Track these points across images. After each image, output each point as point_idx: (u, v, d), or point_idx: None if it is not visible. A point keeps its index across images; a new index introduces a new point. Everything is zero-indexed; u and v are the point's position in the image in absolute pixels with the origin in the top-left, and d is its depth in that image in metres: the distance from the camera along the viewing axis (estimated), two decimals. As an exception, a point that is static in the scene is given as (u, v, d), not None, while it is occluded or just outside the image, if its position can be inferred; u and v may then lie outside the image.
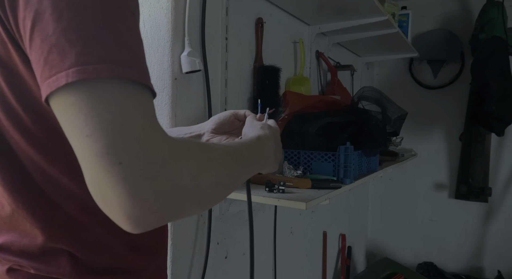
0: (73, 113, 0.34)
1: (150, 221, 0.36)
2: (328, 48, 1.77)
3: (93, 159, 0.34)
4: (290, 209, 1.52)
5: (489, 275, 2.31)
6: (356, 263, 2.47)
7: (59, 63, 0.34)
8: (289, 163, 1.12)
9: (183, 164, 0.37)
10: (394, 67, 2.54)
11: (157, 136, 0.37)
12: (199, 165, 0.40)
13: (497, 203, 2.30)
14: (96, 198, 0.36)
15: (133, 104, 0.36)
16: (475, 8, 2.23)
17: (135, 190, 0.34)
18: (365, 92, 1.28)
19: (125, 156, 0.34)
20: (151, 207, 0.35)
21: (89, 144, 0.34)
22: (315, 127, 1.10)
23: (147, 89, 0.38)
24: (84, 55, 0.34)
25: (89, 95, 0.34)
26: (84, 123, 0.34)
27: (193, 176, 0.38)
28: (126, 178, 0.34)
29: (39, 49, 0.35)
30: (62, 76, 0.34)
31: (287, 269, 1.57)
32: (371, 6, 1.37)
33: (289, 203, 0.84)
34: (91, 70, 0.34)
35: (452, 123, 2.38)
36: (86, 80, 0.34)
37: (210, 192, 0.41)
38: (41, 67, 0.35)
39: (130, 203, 0.34)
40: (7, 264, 0.48)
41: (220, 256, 1.15)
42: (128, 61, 0.36)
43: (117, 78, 0.35)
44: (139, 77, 0.37)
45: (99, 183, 0.34)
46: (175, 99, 0.94)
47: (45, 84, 0.35)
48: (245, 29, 1.21)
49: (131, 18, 0.38)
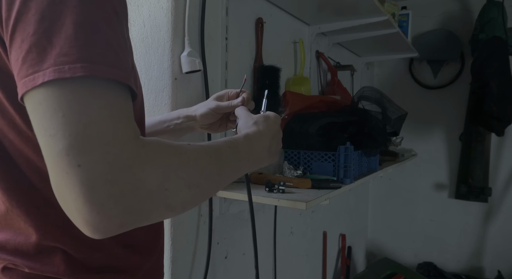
0: (40, 112, 0.34)
1: (109, 227, 0.35)
2: (328, 48, 1.77)
3: (54, 159, 0.33)
4: (290, 209, 1.52)
5: (489, 275, 2.31)
6: (356, 263, 2.47)
7: (37, 63, 0.34)
8: (289, 163, 1.12)
9: (148, 167, 0.36)
10: (394, 67, 2.54)
11: (123, 138, 0.35)
12: (167, 168, 0.38)
13: (497, 203, 2.30)
14: (58, 199, 0.35)
15: (103, 104, 0.35)
16: (475, 8, 2.23)
17: (92, 195, 0.33)
18: (365, 92, 1.28)
19: (85, 158, 0.33)
20: (109, 212, 0.34)
21: (51, 144, 0.33)
22: (315, 127, 1.10)
23: (125, 89, 0.38)
24: (62, 56, 0.34)
25: (58, 94, 0.34)
26: (49, 122, 0.33)
27: (160, 180, 0.37)
28: (83, 181, 0.33)
29: (18, 48, 0.35)
30: (39, 76, 0.34)
31: (287, 269, 1.57)
32: (371, 6, 1.37)
33: (289, 203, 0.84)
34: (66, 70, 0.34)
35: (452, 123, 2.38)
36: (59, 80, 0.33)
37: (182, 195, 0.40)
38: (19, 65, 0.35)
39: (86, 208, 0.33)
40: (2, 263, 0.48)
41: (220, 256, 1.15)
42: (108, 60, 0.36)
43: (90, 77, 0.34)
44: (117, 75, 0.36)
45: (58, 185, 0.34)
46: (175, 99, 0.94)
47: (22, 82, 0.35)
48: (245, 29, 1.21)
49: (114, 19, 0.38)
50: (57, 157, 0.33)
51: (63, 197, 0.34)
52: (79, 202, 0.33)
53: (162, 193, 0.37)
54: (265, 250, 1.41)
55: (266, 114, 0.65)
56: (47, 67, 0.34)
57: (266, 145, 0.59)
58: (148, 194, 0.36)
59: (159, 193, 0.37)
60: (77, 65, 0.34)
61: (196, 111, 0.75)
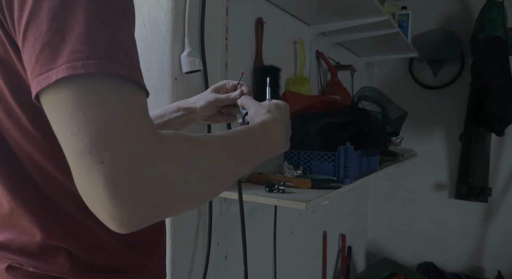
0: (60, 111, 0.34)
1: (134, 221, 0.35)
2: (328, 48, 1.77)
3: (77, 157, 0.34)
4: (290, 209, 1.52)
5: (489, 275, 2.31)
6: (356, 263, 2.47)
7: (51, 61, 0.34)
8: (289, 163, 1.12)
9: (169, 160, 0.37)
10: (394, 67, 2.54)
11: (142, 132, 0.36)
12: (187, 160, 0.38)
13: (497, 203, 2.29)
14: (82, 197, 0.36)
15: (120, 100, 0.35)
16: (475, 8, 2.23)
17: (116, 190, 0.33)
18: (365, 92, 1.28)
19: (107, 155, 0.33)
20: (133, 207, 0.34)
21: (73, 142, 0.34)
22: (315, 127, 1.10)
23: (138, 86, 0.38)
24: (75, 52, 0.34)
25: (76, 93, 0.34)
26: (70, 121, 0.34)
27: (181, 173, 0.37)
28: (107, 177, 0.33)
29: (31, 47, 0.35)
30: (53, 73, 0.34)
31: (287, 269, 1.57)
32: (371, 6, 1.37)
33: (289, 203, 0.84)
34: (79, 66, 0.34)
35: (452, 123, 2.38)
36: (73, 77, 0.34)
37: (203, 187, 0.40)
38: (32, 64, 0.35)
39: (111, 203, 0.34)
40: (6, 262, 0.49)
41: (220, 256, 1.15)
42: (119, 58, 0.36)
43: (105, 74, 0.35)
44: (129, 73, 0.36)
45: (83, 182, 0.34)
46: (175, 99, 0.94)
47: (36, 81, 0.35)
48: (245, 29, 1.21)
49: (123, 18, 0.38)
50: (80, 155, 0.34)
51: (88, 194, 0.35)
52: (103, 198, 0.33)
53: (184, 185, 0.38)
54: (265, 250, 1.41)
55: (276, 102, 0.64)
56: (60, 64, 0.34)
57: (282, 133, 0.59)
58: (170, 187, 0.36)
59: (180, 185, 0.37)
60: (90, 62, 0.34)
61: (195, 103, 0.75)
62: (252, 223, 1.30)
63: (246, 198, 0.91)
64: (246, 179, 1.07)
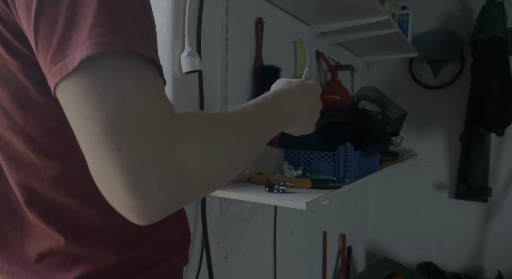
0: (74, 93, 0.32)
1: (155, 213, 0.33)
2: (328, 48, 1.77)
3: (92, 144, 0.31)
4: (290, 209, 1.52)
5: (489, 275, 2.31)
6: (356, 263, 2.47)
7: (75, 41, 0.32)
8: (289, 163, 1.12)
9: (188, 144, 0.34)
10: (394, 67, 2.54)
11: (160, 116, 0.33)
12: (207, 142, 0.36)
13: (497, 203, 2.29)
14: (99, 187, 0.33)
15: (138, 80, 0.33)
16: (475, 8, 2.23)
17: (135, 180, 0.31)
18: (365, 92, 1.28)
19: (124, 141, 0.31)
20: (154, 197, 0.32)
21: (88, 127, 0.31)
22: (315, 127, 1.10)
23: (155, 66, 0.35)
24: (96, 27, 0.31)
25: (91, 73, 0.31)
26: (84, 104, 0.31)
27: (201, 156, 0.35)
28: (124, 166, 0.31)
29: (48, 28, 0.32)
30: (77, 53, 0.31)
31: (287, 269, 1.57)
32: (371, 6, 1.37)
33: (289, 203, 0.84)
34: (105, 42, 0.31)
35: (452, 123, 2.38)
36: (89, 57, 0.31)
37: (224, 169, 0.38)
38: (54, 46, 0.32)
39: (130, 194, 0.31)
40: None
41: (220, 256, 1.15)
42: (137, 36, 0.33)
43: (122, 52, 0.32)
44: (148, 51, 0.34)
45: (99, 171, 0.32)
46: (175, 99, 0.94)
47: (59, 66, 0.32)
48: (245, 29, 1.21)
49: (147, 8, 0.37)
50: (95, 142, 0.31)
51: (105, 184, 0.32)
52: (121, 189, 0.31)
53: (205, 170, 0.35)
54: (265, 250, 1.41)
55: (303, 80, 0.61)
56: (83, 42, 0.31)
57: (299, 106, 0.56)
58: (191, 173, 0.34)
59: (202, 170, 0.35)
60: (106, 39, 0.31)
61: None
62: (252, 223, 1.30)
63: (246, 198, 0.91)
64: (246, 179, 1.07)
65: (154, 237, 0.50)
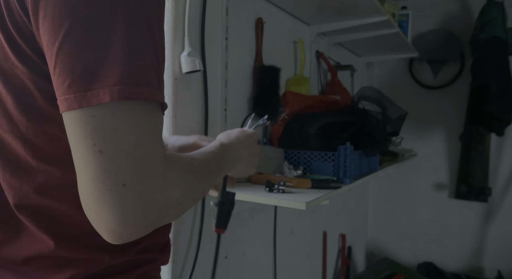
0: (91, 125, 0.35)
1: (132, 237, 0.38)
2: (328, 48, 1.77)
3: (99, 174, 0.35)
4: (290, 209, 1.52)
5: (489, 275, 2.31)
6: (356, 263, 2.47)
7: (103, 78, 0.34)
8: (289, 163, 1.12)
9: (175, 187, 0.40)
10: (394, 67, 2.54)
11: (158, 159, 0.38)
12: (187, 187, 0.42)
13: (497, 203, 2.29)
14: (85, 206, 0.37)
15: (149, 125, 0.37)
16: (475, 8, 2.23)
17: (129, 213, 0.36)
18: (365, 92, 1.27)
19: (131, 179, 0.35)
20: (137, 226, 0.37)
21: (100, 160, 0.35)
22: (315, 127, 1.10)
23: (160, 109, 0.40)
24: (127, 76, 0.35)
25: (115, 112, 0.35)
26: (101, 138, 0.35)
27: (180, 198, 0.41)
28: (125, 199, 0.35)
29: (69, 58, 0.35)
30: (106, 92, 0.34)
31: (287, 269, 1.57)
32: (371, 6, 1.37)
33: (289, 203, 0.84)
34: (134, 91, 0.35)
35: (452, 123, 2.38)
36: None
37: (188, 207, 0.45)
38: (76, 75, 0.35)
39: (119, 222, 0.36)
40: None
41: (220, 256, 1.15)
42: (156, 83, 0.38)
43: (145, 101, 0.37)
44: (159, 97, 0.38)
45: (96, 198, 0.35)
46: (175, 99, 0.94)
47: (79, 95, 0.34)
48: (245, 29, 1.21)
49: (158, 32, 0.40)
50: (103, 174, 0.35)
51: (98, 209, 0.36)
52: (113, 216, 0.35)
53: (177, 207, 0.42)
54: (265, 250, 1.41)
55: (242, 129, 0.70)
56: (114, 84, 0.34)
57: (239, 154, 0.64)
58: (169, 210, 0.40)
59: (175, 208, 0.41)
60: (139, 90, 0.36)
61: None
62: (252, 223, 1.30)
63: (246, 198, 0.91)
64: (246, 179, 1.07)
65: (145, 241, 0.52)
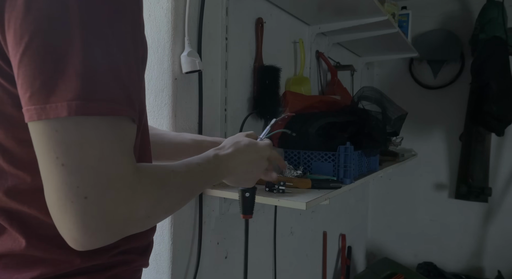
0: (54, 139, 0.35)
1: (94, 245, 0.39)
2: (328, 48, 1.77)
3: (62, 187, 0.36)
4: (290, 209, 1.52)
5: (489, 275, 2.31)
6: (356, 263, 2.47)
7: (61, 91, 0.35)
8: (289, 163, 1.12)
9: (141, 201, 0.40)
10: (394, 67, 2.54)
11: (125, 173, 0.38)
12: (155, 201, 0.42)
13: (497, 203, 2.29)
14: (51, 213, 0.38)
15: (116, 139, 0.38)
16: (475, 8, 2.22)
17: (90, 223, 0.36)
18: (365, 92, 1.28)
19: (93, 192, 0.36)
20: (99, 237, 0.38)
21: (62, 173, 0.35)
22: (315, 127, 1.10)
23: (131, 122, 0.40)
24: (87, 91, 0.35)
25: (78, 127, 0.36)
26: (64, 152, 0.35)
27: (147, 211, 0.41)
28: (86, 212, 0.36)
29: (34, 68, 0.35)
30: (63, 106, 0.35)
31: (287, 269, 1.57)
32: (371, 6, 1.37)
33: (289, 203, 0.84)
34: (94, 107, 0.36)
35: (452, 123, 2.38)
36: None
37: (158, 219, 0.46)
38: (36, 87, 0.35)
39: (80, 232, 0.36)
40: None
41: (220, 256, 1.15)
42: (122, 98, 0.38)
43: (111, 117, 0.37)
44: (127, 112, 0.39)
45: (59, 208, 0.36)
46: (175, 99, 0.94)
47: (38, 108, 0.35)
48: (245, 29, 1.21)
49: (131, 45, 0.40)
50: (65, 186, 0.36)
51: (60, 218, 0.37)
52: (74, 227, 0.36)
53: (146, 220, 0.42)
54: (265, 250, 1.41)
55: (253, 142, 0.67)
56: (72, 99, 0.35)
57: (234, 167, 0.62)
58: (134, 222, 0.41)
59: (143, 220, 0.42)
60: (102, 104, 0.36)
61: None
62: (252, 223, 1.30)
63: (246, 198, 0.91)
64: (246, 179, 1.06)
65: (122, 246, 0.51)
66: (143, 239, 0.56)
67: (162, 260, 0.97)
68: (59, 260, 0.46)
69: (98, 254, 0.48)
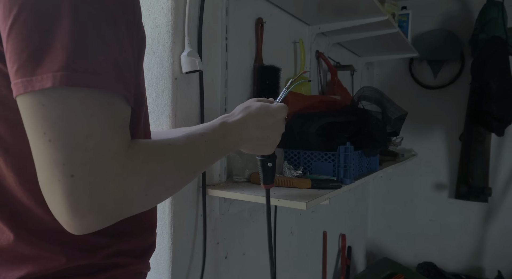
0: (41, 113, 0.34)
1: (88, 229, 0.37)
2: (328, 48, 1.77)
3: (49, 164, 0.34)
4: (290, 209, 1.52)
5: (489, 275, 2.31)
6: (356, 263, 2.47)
7: (47, 63, 0.34)
8: (289, 163, 1.12)
9: (132, 179, 0.38)
10: (394, 67, 2.54)
11: (116, 149, 0.37)
12: (151, 178, 0.40)
13: (497, 203, 2.30)
14: (44, 195, 0.36)
15: (106, 115, 0.36)
16: (475, 8, 2.23)
17: (78, 204, 0.35)
18: (365, 92, 1.28)
19: (79, 169, 0.34)
20: (90, 220, 0.36)
21: (49, 149, 0.34)
22: (315, 127, 1.10)
23: (124, 99, 0.39)
24: (73, 62, 0.34)
25: (65, 101, 0.34)
26: (51, 127, 0.34)
27: (143, 188, 0.39)
28: (72, 191, 0.34)
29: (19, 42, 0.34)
30: (49, 77, 0.33)
31: (287, 269, 1.57)
32: (371, 6, 1.37)
33: (289, 203, 0.84)
34: (80, 78, 0.34)
35: (452, 123, 2.38)
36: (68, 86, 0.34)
37: (159, 197, 0.43)
38: (21, 61, 0.34)
39: (69, 214, 0.35)
40: None
41: (220, 256, 1.15)
42: (112, 73, 0.37)
43: (99, 90, 0.36)
44: (118, 88, 0.37)
45: (48, 188, 0.35)
46: (175, 99, 0.94)
47: (25, 80, 0.34)
48: (245, 29, 1.21)
49: (123, 25, 0.38)
50: (52, 163, 0.34)
51: (49, 198, 0.36)
52: (63, 208, 0.35)
53: (143, 198, 0.40)
54: (265, 250, 1.41)
55: (264, 105, 0.62)
56: (57, 70, 0.34)
57: (246, 134, 0.58)
58: (129, 201, 0.38)
59: (139, 198, 0.39)
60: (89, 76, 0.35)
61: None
62: (252, 223, 1.30)
63: (246, 198, 0.91)
64: (246, 179, 1.07)
65: (115, 246, 0.50)
66: (139, 241, 0.54)
67: (162, 260, 0.97)
68: (46, 258, 0.45)
69: (85, 254, 0.47)
